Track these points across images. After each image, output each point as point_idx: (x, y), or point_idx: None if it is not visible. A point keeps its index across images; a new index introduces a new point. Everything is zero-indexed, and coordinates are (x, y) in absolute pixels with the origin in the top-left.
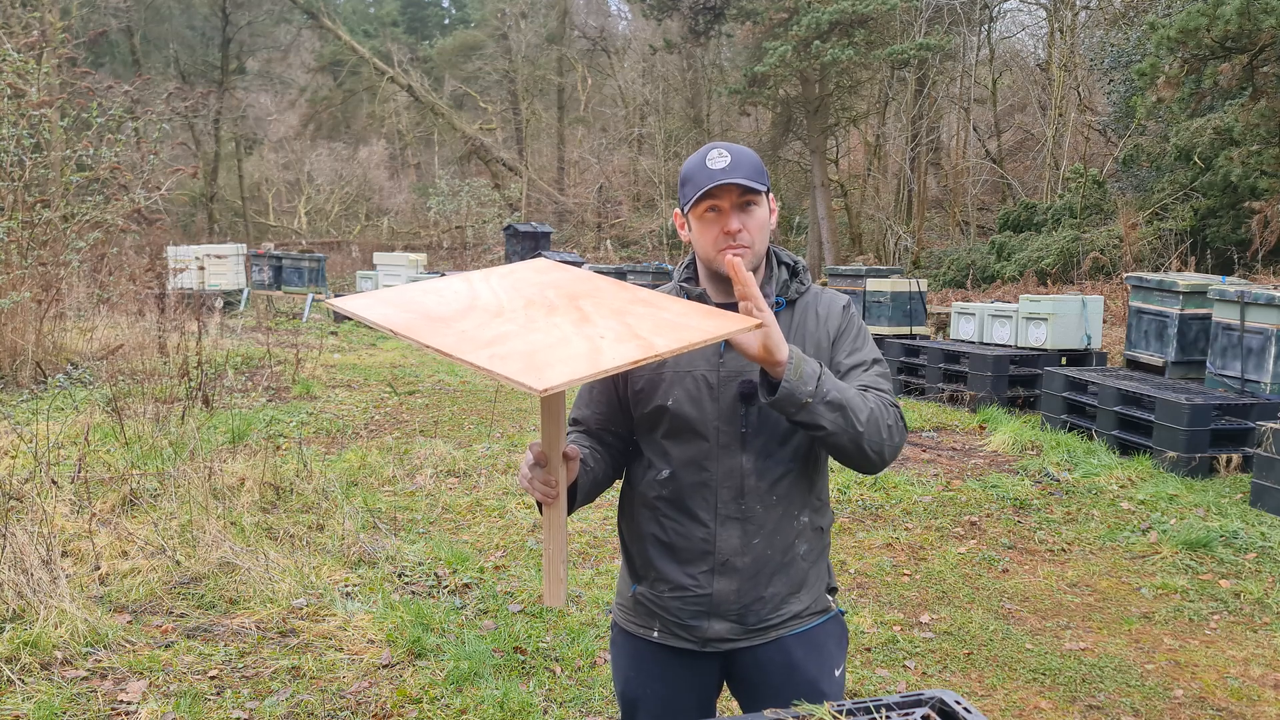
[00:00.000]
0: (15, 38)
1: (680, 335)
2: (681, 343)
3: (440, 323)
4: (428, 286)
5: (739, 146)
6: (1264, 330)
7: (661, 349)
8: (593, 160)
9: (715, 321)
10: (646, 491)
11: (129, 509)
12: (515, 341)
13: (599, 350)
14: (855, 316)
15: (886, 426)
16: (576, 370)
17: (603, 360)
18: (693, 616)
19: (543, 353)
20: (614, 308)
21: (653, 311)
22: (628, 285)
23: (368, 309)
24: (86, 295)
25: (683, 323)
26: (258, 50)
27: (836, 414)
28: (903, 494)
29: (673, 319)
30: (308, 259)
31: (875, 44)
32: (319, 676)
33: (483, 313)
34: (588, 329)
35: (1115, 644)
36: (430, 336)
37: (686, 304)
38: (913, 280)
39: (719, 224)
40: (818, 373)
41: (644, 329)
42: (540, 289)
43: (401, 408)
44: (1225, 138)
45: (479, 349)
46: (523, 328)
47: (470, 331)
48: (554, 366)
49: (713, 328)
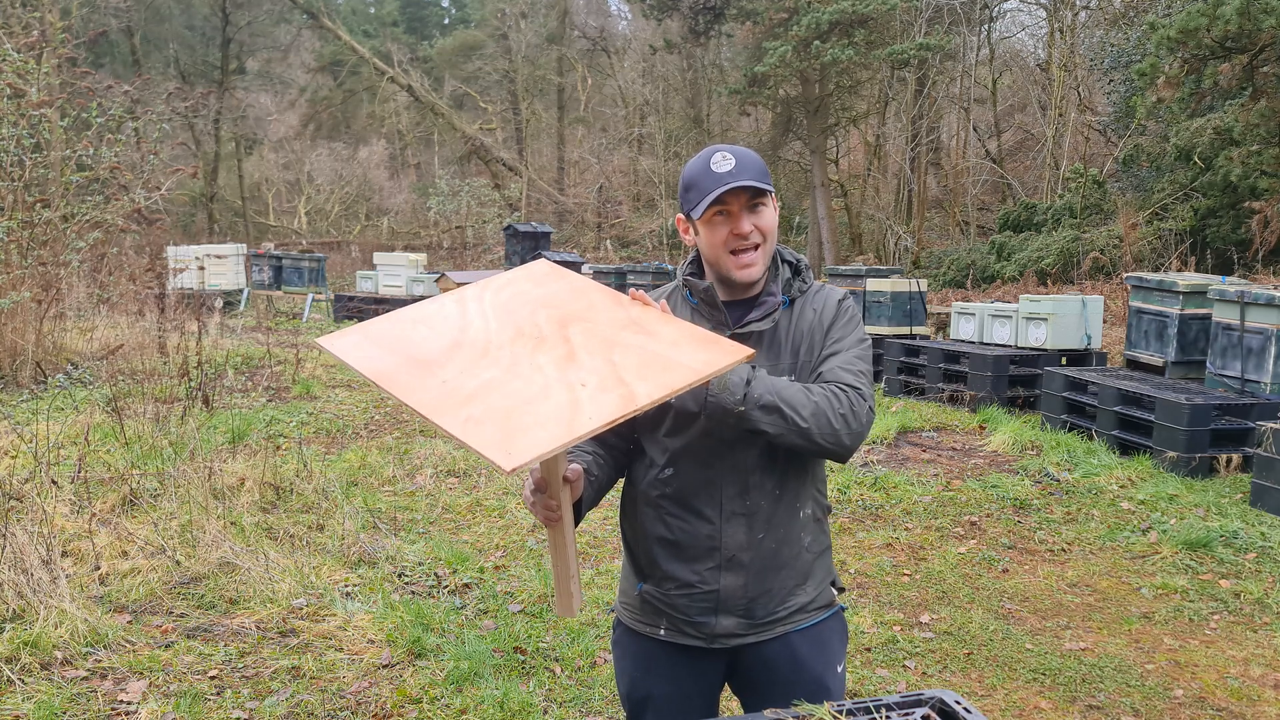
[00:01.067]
0: (15, 38)
1: (665, 378)
2: (665, 389)
3: (423, 369)
4: (420, 315)
5: (741, 148)
6: (1264, 330)
7: (642, 400)
8: (593, 160)
9: (704, 354)
10: (650, 490)
11: (129, 509)
12: (495, 395)
13: (578, 406)
14: (850, 307)
15: (839, 415)
16: (551, 438)
17: (578, 424)
18: (700, 613)
19: (519, 413)
20: (604, 337)
21: (643, 341)
22: (622, 299)
23: (354, 350)
24: (86, 295)
25: (671, 357)
26: (258, 50)
27: (774, 415)
28: (903, 494)
29: (662, 351)
30: (308, 259)
31: (875, 44)
32: (319, 676)
33: (469, 351)
34: (571, 373)
35: (1115, 644)
36: (410, 391)
37: (680, 328)
38: (913, 280)
39: (728, 226)
40: (745, 378)
41: (629, 370)
42: (532, 311)
43: (401, 408)
44: (1225, 138)
45: (457, 408)
46: (506, 372)
47: (452, 382)
48: (527, 433)
49: (700, 364)
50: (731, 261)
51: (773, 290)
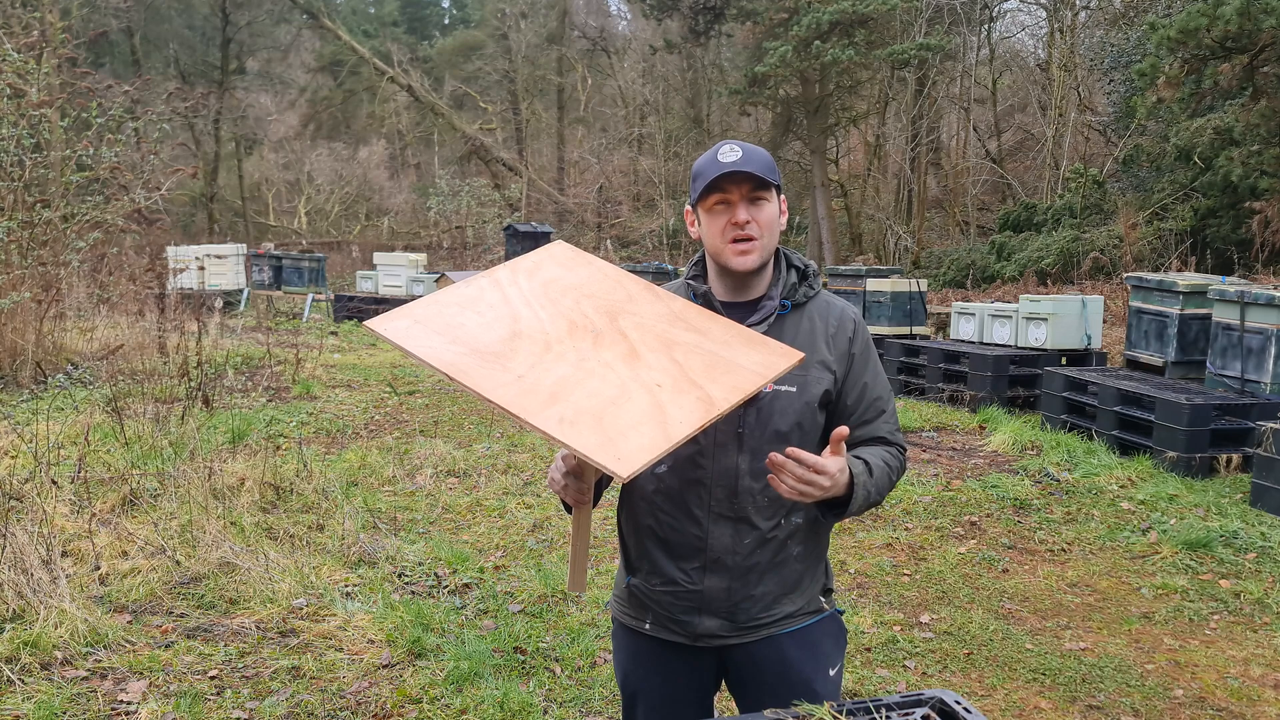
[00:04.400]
0: (15, 38)
1: (732, 380)
2: (737, 393)
3: (492, 361)
4: (462, 298)
5: (752, 145)
6: (1264, 330)
7: (721, 405)
8: (593, 160)
9: (758, 355)
10: (645, 485)
11: (129, 509)
12: (577, 393)
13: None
14: (868, 337)
15: (895, 476)
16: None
17: (674, 429)
18: (683, 611)
19: (610, 415)
20: (657, 333)
21: (697, 340)
22: (657, 291)
23: (408, 335)
24: (86, 295)
25: (729, 359)
26: (258, 50)
27: (868, 507)
28: (903, 494)
29: (718, 351)
30: (308, 259)
31: (875, 44)
32: (319, 676)
33: (530, 343)
34: (641, 372)
35: (1115, 644)
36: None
37: (725, 326)
38: (913, 280)
39: (727, 215)
40: (868, 497)
41: (696, 372)
42: (576, 302)
43: (401, 408)
44: (1225, 138)
45: (545, 407)
46: (576, 369)
47: (528, 377)
48: (627, 437)
49: (759, 365)
50: (729, 250)
51: (772, 295)
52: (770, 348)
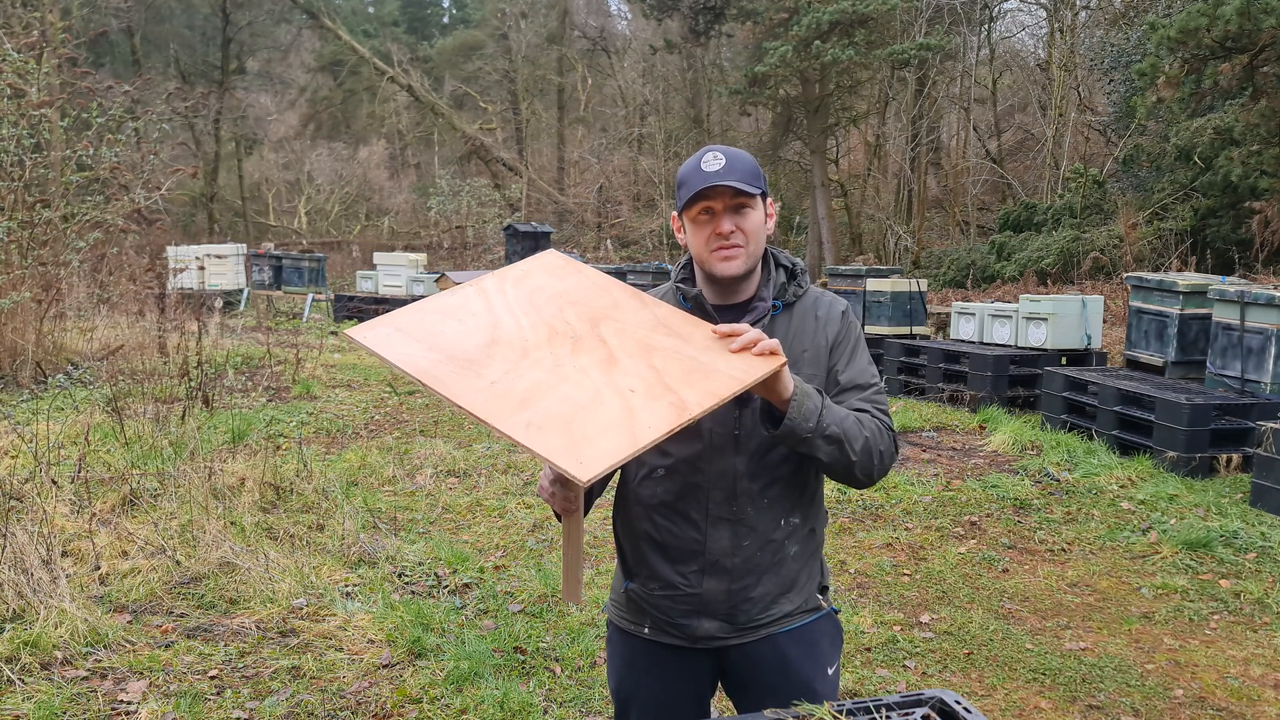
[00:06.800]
0: (15, 38)
1: (709, 386)
2: (713, 398)
3: (467, 367)
4: (445, 307)
5: (735, 150)
6: (1264, 330)
7: (694, 409)
8: (593, 160)
9: (740, 361)
10: (641, 490)
11: (129, 509)
12: (549, 398)
13: (633, 414)
14: (854, 325)
15: (879, 453)
16: (618, 448)
17: (640, 434)
18: (682, 615)
19: (579, 420)
20: (637, 339)
21: (677, 345)
22: (643, 298)
23: (387, 342)
24: (86, 295)
25: (708, 364)
26: (258, 50)
27: (833, 446)
28: (903, 494)
29: (698, 356)
30: (308, 259)
31: (875, 44)
32: (319, 676)
33: (507, 349)
34: (617, 377)
35: (1115, 644)
36: (461, 391)
37: (707, 333)
38: (913, 280)
39: (712, 226)
40: (819, 409)
41: (673, 377)
42: (559, 309)
43: (401, 408)
44: (1225, 138)
45: (513, 412)
46: (552, 374)
47: (501, 384)
48: (593, 442)
49: (739, 371)
50: (713, 257)
51: (763, 295)
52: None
